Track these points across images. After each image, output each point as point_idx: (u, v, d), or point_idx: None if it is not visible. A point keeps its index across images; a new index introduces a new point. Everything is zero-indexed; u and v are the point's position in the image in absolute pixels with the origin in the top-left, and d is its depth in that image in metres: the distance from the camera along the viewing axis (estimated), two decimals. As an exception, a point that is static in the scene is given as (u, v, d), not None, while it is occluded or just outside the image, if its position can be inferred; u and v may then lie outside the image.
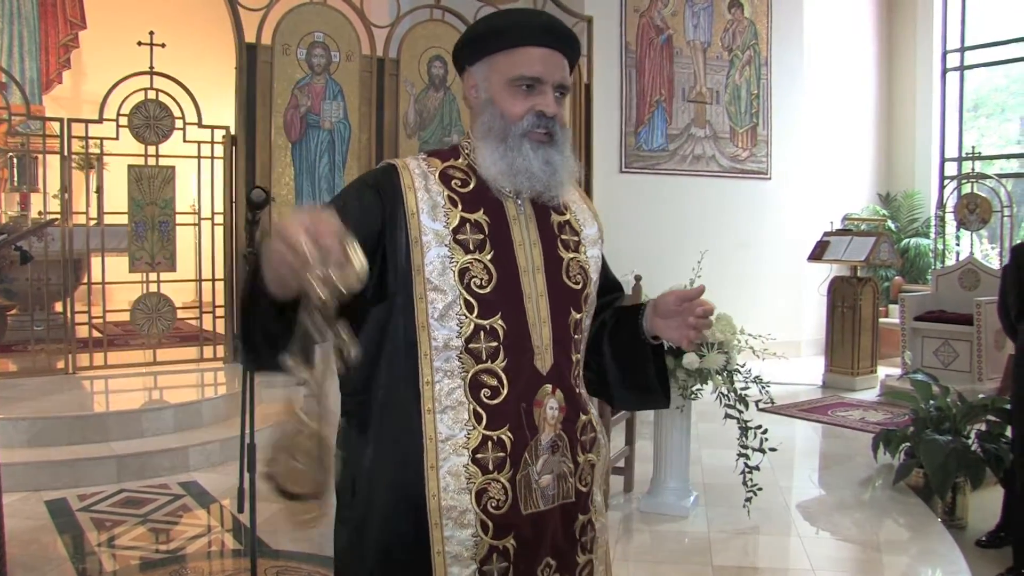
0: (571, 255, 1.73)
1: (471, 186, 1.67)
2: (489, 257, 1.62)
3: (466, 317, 1.59)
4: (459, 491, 1.58)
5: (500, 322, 1.61)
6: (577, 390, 1.73)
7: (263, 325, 1.41)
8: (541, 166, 1.65)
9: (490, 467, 1.59)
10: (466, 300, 1.59)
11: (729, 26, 9.60)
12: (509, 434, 1.60)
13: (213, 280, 7.09)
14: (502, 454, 1.60)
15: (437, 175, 1.68)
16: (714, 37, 9.50)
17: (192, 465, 5.35)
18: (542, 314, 1.66)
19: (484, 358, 1.60)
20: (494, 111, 1.65)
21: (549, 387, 1.65)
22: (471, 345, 1.60)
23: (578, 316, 1.72)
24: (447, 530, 1.58)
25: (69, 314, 6.65)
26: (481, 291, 1.61)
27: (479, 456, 1.59)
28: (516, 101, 1.64)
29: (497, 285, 1.62)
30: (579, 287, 1.73)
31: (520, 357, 1.63)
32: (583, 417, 1.72)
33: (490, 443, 1.59)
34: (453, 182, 1.67)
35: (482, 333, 1.60)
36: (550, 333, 1.66)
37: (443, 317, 1.59)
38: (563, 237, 1.73)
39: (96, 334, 6.82)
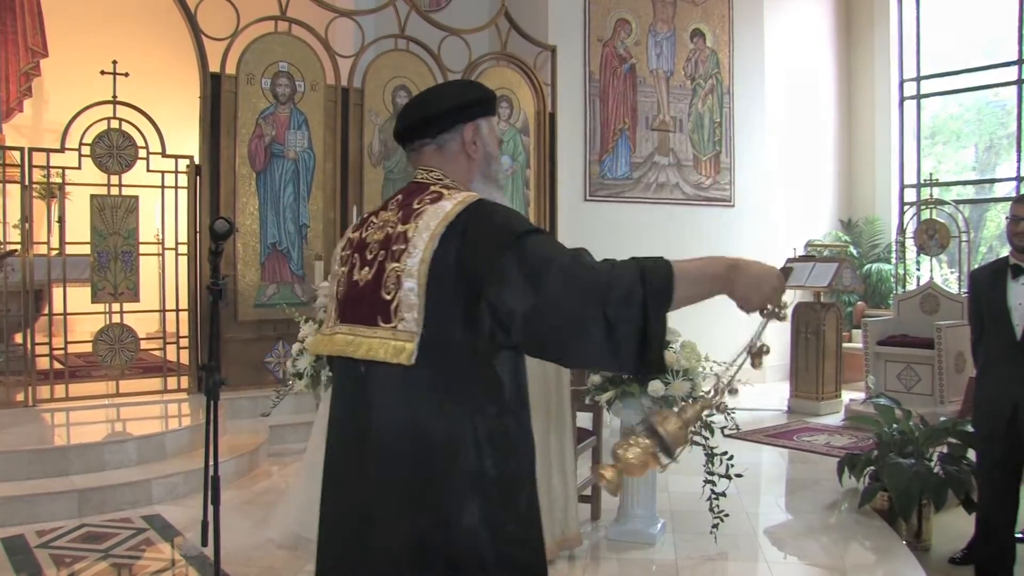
0: None
1: None
2: None
3: None
4: None
5: None
6: None
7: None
8: None
9: None
10: None
11: (692, 55, 9.74)
12: None
13: (177, 310, 7.01)
14: None
15: None
16: (677, 66, 9.63)
17: (155, 498, 5.27)
18: None
19: None
20: (495, 164, 2.00)
21: None
22: None
23: None
24: None
25: (29, 345, 6.54)
26: None
27: None
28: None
29: None
30: None
31: None
32: None
33: None
34: None
35: None
36: None
37: None
38: None
39: (57, 366, 6.72)
